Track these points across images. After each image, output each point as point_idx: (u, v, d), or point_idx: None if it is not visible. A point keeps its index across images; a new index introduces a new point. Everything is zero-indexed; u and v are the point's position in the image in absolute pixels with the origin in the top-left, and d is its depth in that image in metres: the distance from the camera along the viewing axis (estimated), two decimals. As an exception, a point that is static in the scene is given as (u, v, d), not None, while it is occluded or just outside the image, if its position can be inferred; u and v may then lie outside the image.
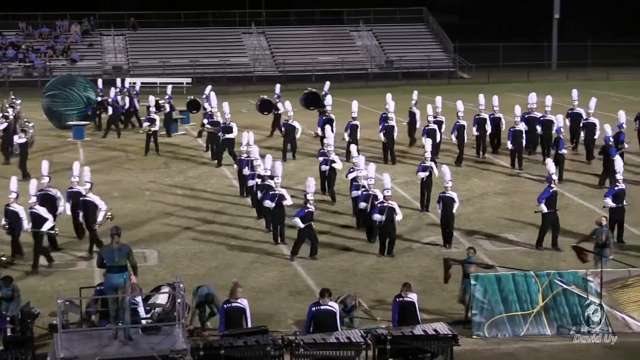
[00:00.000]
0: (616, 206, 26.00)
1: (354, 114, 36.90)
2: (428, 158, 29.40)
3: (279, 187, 26.44)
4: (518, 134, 34.99)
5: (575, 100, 37.68)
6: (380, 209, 25.26)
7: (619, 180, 26.42)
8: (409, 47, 75.95)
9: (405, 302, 19.56)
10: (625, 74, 70.00)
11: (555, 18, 77.18)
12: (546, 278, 20.25)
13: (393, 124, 36.23)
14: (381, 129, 36.59)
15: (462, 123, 35.97)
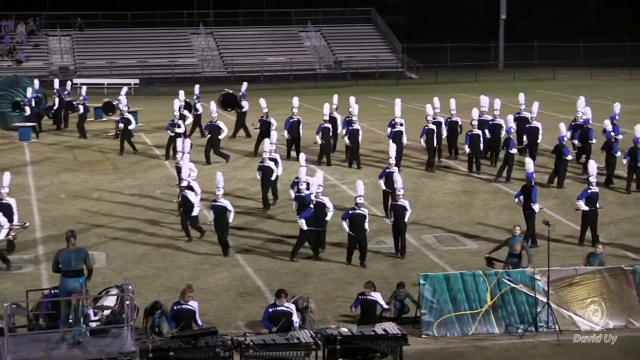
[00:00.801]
0: (589, 209, 25.81)
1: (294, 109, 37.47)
2: (392, 164, 28.83)
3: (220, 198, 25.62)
4: (475, 137, 34.54)
5: (522, 104, 37.48)
6: (350, 217, 24.44)
7: (592, 183, 25.99)
8: (357, 47, 76.12)
9: (367, 300, 19.62)
10: (571, 73, 70.72)
11: (502, 19, 77.75)
12: (494, 277, 20.39)
13: (358, 128, 35.72)
14: (345, 132, 36.09)
15: (432, 127, 35.20)
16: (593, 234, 25.91)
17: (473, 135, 34.56)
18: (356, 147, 35.85)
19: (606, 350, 19.36)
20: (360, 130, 35.88)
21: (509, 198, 31.18)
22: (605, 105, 51.48)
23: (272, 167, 29.83)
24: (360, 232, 24.42)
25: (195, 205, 26.50)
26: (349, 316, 20.56)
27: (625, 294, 20.53)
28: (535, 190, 26.49)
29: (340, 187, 32.89)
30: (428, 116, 35.69)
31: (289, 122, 36.95)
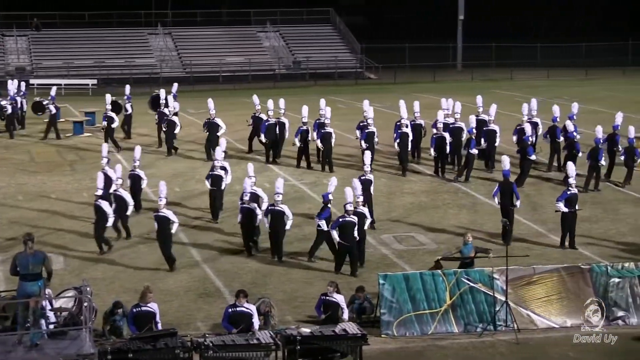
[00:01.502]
0: (568, 211, 25.62)
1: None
2: (368, 171, 27.70)
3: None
4: (441, 140, 33.88)
5: (480, 106, 37.07)
6: (340, 226, 23.64)
7: (572, 185, 25.87)
8: (316, 47, 76.18)
9: (329, 301, 19.62)
10: (528, 74, 71.19)
11: (460, 19, 78.11)
12: (453, 276, 20.47)
13: (330, 131, 35.18)
14: (317, 135, 35.36)
15: (406, 131, 34.61)
16: (571, 235, 25.76)
17: (439, 138, 33.87)
18: (329, 150, 35.22)
19: (563, 349, 19.51)
20: (333, 133, 35.30)
21: (468, 198, 31.39)
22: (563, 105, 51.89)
23: (223, 175, 28.97)
24: (351, 241, 23.57)
25: (110, 215, 25.45)
26: (309, 316, 20.56)
27: (582, 293, 20.69)
28: (516, 187, 27.09)
29: (305, 190, 32.88)
30: (403, 119, 35.11)
31: (264, 126, 36.32)
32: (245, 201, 25.19)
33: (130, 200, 26.88)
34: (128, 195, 27.06)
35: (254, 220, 25.09)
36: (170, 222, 24.26)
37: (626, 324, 20.69)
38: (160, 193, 24.72)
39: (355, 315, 20.56)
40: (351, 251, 23.64)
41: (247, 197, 25.23)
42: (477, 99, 37.81)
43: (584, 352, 19.38)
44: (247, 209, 24.99)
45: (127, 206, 26.69)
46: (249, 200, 25.18)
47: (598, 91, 59.74)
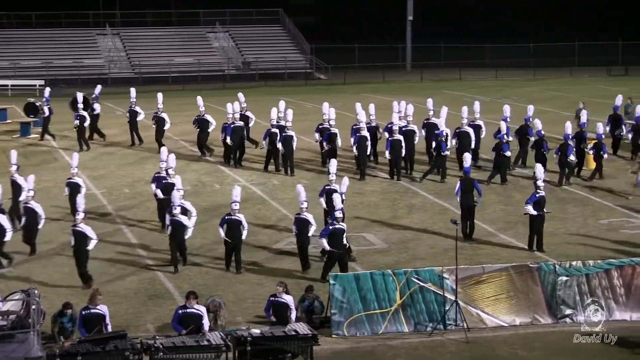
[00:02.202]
0: (537, 214, 25.44)
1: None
2: (333, 180, 26.36)
3: None
4: (396, 143, 33.33)
5: (431, 110, 36.49)
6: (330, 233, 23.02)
7: (540, 187, 25.59)
8: (266, 48, 76.07)
9: (278, 302, 19.58)
10: (477, 74, 71.64)
11: (409, 19, 78.41)
12: (403, 276, 20.54)
13: (292, 134, 34.53)
14: (279, 138, 34.63)
15: (364, 134, 33.90)
16: (539, 238, 25.68)
17: (394, 141, 33.37)
18: (290, 153, 34.67)
19: (512, 347, 19.65)
20: (294, 137, 34.72)
21: (418, 197, 31.52)
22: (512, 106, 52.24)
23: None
24: (342, 247, 23.12)
25: (8, 230, 24.28)
26: (259, 317, 20.53)
27: (531, 291, 20.87)
28: (477, 183, 27.36)
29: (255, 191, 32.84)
30: (361, 123, 34.55)
31: (230, 128, 35.72)
32: (174, 214, 24.06)
33: (42, 213, 25.52)
34: (39, 207, 25.65)
35: (183, 234, 24.22)
36: (88, 239, 23.00)
37: (574, 321, 20.89)
38: (79, 207, 23.56)
39: (305, 315, 20.56)
40: (342, 258, 23.05)
41: (176, 209, 24.13)
42: (428, 101, 37.27)
43: (532, 349, 19.55)
44: (177, 222, 24.02)
45: (39, 220, 25.35)
46: (178, 213, 24.09)
47: (546, 91, 60.28)
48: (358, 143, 33.76)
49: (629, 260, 21.48)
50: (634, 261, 21.31)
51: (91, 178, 34.14)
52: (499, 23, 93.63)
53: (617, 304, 21.05)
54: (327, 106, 36.51)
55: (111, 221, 29.03)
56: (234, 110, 36.39)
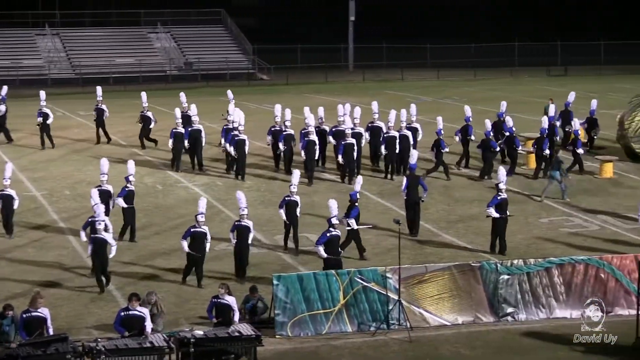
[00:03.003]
0: (499, 217, 25.44)
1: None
2: (294, 192, 25.83)
3: None
4: (349, 147, 32.94)
5: (376, 113, 36.01)
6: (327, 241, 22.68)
7: (502, 190, 25.55)
8: (208, 48, 75.79)
9: (221, 303, 19.50)
10: (419, 74, 71.99)
11: (351, 20, 78.58)
12: (347, 276, 20.59)
13: (244, 138, 33.68)
14: (230, 142, 34.04)
15: (313, 139, 33.30)
16: (501, 241, 25.67)
17: (347, 145, 32.92)
18: (242, 158, 33.90)
19: (454, 346, 19.78)
20: (247, 141, 33.99)
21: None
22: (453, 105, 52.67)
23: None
24: (338, 254, 22.87)
25: None
26: (202, 318, 20.46)
27: (473, 290, 21.03)
28: (422, 180, 27.96)
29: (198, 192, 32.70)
30: (309, 127, 33.90)
31: (187, 132, 34.96)
32: (99, 229, 22.80)
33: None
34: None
35: (106, 252, 22.79)
36: None
37: (515, 320, 21.10)
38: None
39: (249, 316, 20.53)
40: (339, 265, 22.51)
41: (100, 225, 22.84)
42: (373, 105, 36.72)
43: (474, 348, 19.69)
44: (99, 240, 22.75)
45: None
46: (102, 229, 22.81)
47: (486, 91, 60.73)
48: (306, 148, 33.20)
49: (569, 258, 21.73)
50: (574, 259, 21.57)
51: (31, 180, 33.84)
52: (440, 23, 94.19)
53: (557, 301, 21.30)
54: (280, 108, 36.10)
55: (53, 223, 28.76)
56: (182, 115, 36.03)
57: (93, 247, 22.73)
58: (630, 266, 21.29)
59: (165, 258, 25.47)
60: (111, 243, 22.88)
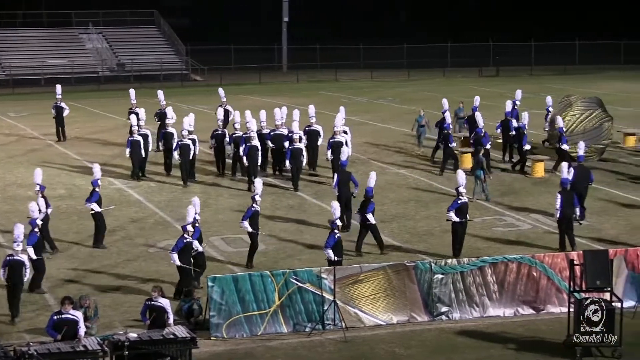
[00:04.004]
0: (459, 221, 25.23)
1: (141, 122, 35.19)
2: (258, 202, 25.07)
3: None
4: (297, 152, 32.37)
5: (312, 116, 35.41)
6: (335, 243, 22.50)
7: (462, 194, 25.37)
8: (141, 49, 75.27)
9: (155, 305, 19.36)
10: (353, 75, 72.20)
11: (285, 21, 78.58)
12: (282, 277, 20.58)
13: (188, 143, 33.04)
14: (175, 147, 33.45)
15: (255, 144, 32.47)
16: (459, 245, 25.44)
17: (295, 150, 32.34)
18: (185, 163, 33.18)
19: (389, 345, 19.86)
20: (196, 142, 33.42)
21: (295, 198, 31.60)
22: (386, 106, 52.92)
23: None
24: (342, 255, 22.76)
25: None
26: (137, 321, 20.31)
27: (407, 290, 21.13)
28: (353, 176, 28.36)
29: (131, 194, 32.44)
30: (251, 132, 32.77)
31: (129, 141, 33.91)
32: (14, 252, 21.34)
33: None
34: None
35: (21, 276, 21.21)
36: None
37: (450, 319, 21.25)
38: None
39: (184, 318, 20.44)
40: (341, 264, 22.39)
41: (18, 246, 21.27)
42: (310, 108, 36.22)
43: (409, 347, 19.80)
44: (15, 262, 21.24)
45: None
46: (19, 251, 21.27)
47: (419, 92, 61.11)
48: (248, 153, 32.44)
49: (502, 257, 21.93)
50: (506, 258, 21.77)
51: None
52: (374, 24, 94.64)
53: (490, 300, 21.49)
54: (222, 112, 35.53)
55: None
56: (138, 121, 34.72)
57: (7, 272, 21.14)
58: (561, 264, 21.56)
59: (99, 261, 25.27)
60: (27, 265, 21.44)
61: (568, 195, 25.94)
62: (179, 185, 33.05)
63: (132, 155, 33.86)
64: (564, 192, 25.99)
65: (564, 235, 25.83)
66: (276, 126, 34.69)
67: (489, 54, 78.33)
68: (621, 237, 27.08)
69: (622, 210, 30.00)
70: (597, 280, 19.24)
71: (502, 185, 32.35)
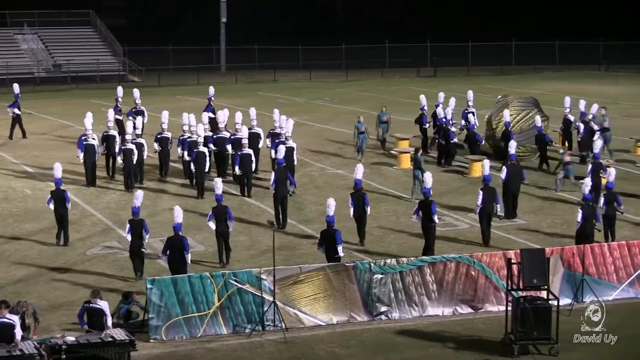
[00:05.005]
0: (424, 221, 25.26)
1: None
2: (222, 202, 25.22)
3: None
4: (246, 157, 31.54)
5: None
6: None
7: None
8: (77, 50, 74.56)
9: (93, 308, 19.20)
10: (291, 76, 72.22)
11: (223, 22, 78.33)
12: (221, 278, 20.53)
13: (132, 148, 32.38)
14: (118, 151, 32.72)
15: (202, 150, 31.94)
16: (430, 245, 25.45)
17: (244, 155, 31.56)
18: (129, 167, 32.46)
19: (329, 346, 19.90)
20: (134, 149, 32.53)
21: (235, 200, 31.50)
22: (325, 106, 53.02)
23: None
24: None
25: None
26: (74, 324, 20.12)
27: (347, 290, 21.19)
28: (291, 175, 28.98)
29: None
30: (198, 137, 32.34)
31: (81, 142, 33.18)
32: None
33: None
34: None
35: None
36: None
37: (389, 318, 21.34)
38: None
39: (123, 321, 20.31)
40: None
41: None
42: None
43: (348, 347, 19.85)
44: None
45: None
46: None
47: (358, 92, 61.32)
48: (196, 159, 31.79)
49: (441, 257, 22.08)
50: (445, 257, 21.92)
51: None
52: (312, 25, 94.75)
53: (429, 299, 21.62)
54: (167, 115, 35.14)
55: None
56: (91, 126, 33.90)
57: None
58: (499, 263, 21.76)
59: (36, 262, 25.00)
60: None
61: (489, 192, 26.55)
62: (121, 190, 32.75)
63: (86, 160, 32.99)
64: (485, 188, 26.63)
65: (484, 230, 26.66)
66: (219, 129, 34.45)
67: (427, 55, 78.84)
68: (557, 236, 27.40)
69: (558, 209, 30.34)
70: (534, 278, 19.45)
71: (440, 185, 32.54)
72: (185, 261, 22.20)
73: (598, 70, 76.71)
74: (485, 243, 26.42)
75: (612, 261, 22.57)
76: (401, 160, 36.07)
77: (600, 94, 55.85)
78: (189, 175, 33.04)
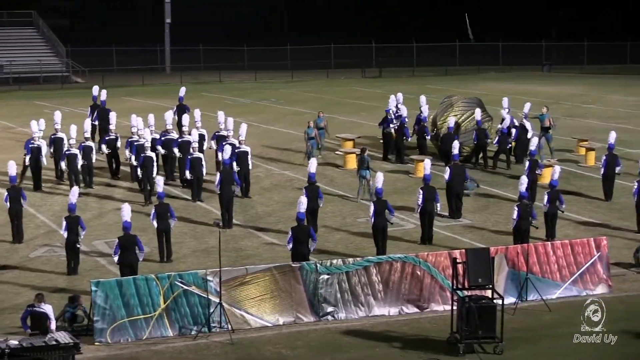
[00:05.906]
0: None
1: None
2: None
3: None
4: (197, 161, 30.90)
5: (198, 121, 34.61)
6: None
7: None
8: (19, 51, 73.79)
9: (37, 312, 19.01)
10: (237, 77, 72.10)
11: (167, 22, 77.99)
12: (167, 280, 20.44)
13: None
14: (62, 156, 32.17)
15: (149, 154, 31.14)
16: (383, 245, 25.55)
17: (194, 159, 30.89)
18: (74, 172, 31.84)
19: (276, 347, 19.88)
20: (79, 154, 31.84)
21: (179, 201, 31.36)
22: (270, 107, 52.99)
23: None
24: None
25: None
26: (18, 327, 19.92)
27: (294, 290, 21.19)
28: (236, 175, 29.14)
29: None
30: (145, 141, 31.95)
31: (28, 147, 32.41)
32: None
33: None
34: None
35: None
36: None
37: (335, 319, 21.37)
38: None
39: (68, 324, 20.14)
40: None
41: None
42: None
43: (295, 348, 19.85)
44: None
45: None
46: None
47: (303, 92, 61.35)
48: (143, 164, 30.99)
49: (387, 257, 22.17)
50: (391, 257, 22.00)
51: None
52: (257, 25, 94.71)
53: (376, 299, 21.68)
54: (115, 116, 34.74)
55: None
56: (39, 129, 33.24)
57: None
58: (444, 263, 21.89)
59: None
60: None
61: (429, 191, 26.91)
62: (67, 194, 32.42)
63: (32, 163, 32.36)
64: (425, 187, 27.01)
65: (426, 229, 26.98)
66: (166, 130, 33.97)
67: (372, 55, 79.11)
68: (503, 234, 27.62)
69: (503, 208, 30.57)
70: (479, 278, 19.60)
71: (385, 185, 32.56)
72: (138, 260, 22.29)
73: (541, 70, 77.47)
74: (425, 242, 26.58)
75: (555, 260, 22.81)
76: (347, 161, 36.13)
77: (543, 93, 56.47)
78: (136, 179, 32.66)
